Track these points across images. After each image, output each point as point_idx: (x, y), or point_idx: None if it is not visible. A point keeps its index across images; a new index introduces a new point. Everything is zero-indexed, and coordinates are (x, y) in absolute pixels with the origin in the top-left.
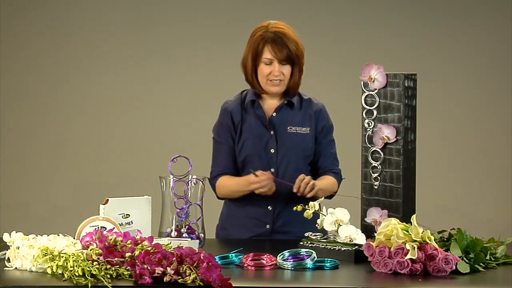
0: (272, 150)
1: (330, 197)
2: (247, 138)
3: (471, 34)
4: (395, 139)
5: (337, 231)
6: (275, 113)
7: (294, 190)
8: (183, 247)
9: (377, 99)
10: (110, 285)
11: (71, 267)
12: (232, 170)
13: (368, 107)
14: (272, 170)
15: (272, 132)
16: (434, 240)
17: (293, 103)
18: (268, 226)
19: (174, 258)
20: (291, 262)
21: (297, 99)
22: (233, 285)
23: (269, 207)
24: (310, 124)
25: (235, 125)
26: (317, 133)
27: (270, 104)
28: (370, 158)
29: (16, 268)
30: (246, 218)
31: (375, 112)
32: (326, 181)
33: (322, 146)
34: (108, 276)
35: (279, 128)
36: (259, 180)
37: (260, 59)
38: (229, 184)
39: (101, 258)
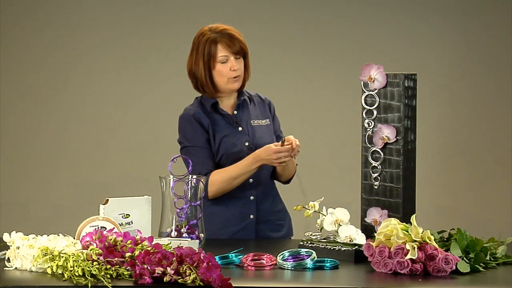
0: (247, 143)
1: (288, 181)
2: (221, 137)
3: (471, 34)
4: (395, 139)
5: (337, 231)
6: (236, 111)
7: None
8: (183, 247)
9: (377, 99)
10: (110, 285)
11: (71, 267)
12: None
13: (368, 107)
14: None
15: (240, 128)
16: (434, 240)
17: (246, 99)
18: (252, 217)
19: (174, 258)
20: (291, 262)
21: (248, 95)
22: (233, 285)
23: (251, 197)
24: (266, 115)
25: (205, 128)
26: (271, 120)
27: (227, 104)
28: (370, 158)
29: (16, 268)
30: (228, 213)
31: (375, 112)
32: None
33: (275, 131)
34: (108, 276)
35: (244, 123)
36: (287, 149)
37: (215, 60)
38: (227, 171)
39: (101, 258)
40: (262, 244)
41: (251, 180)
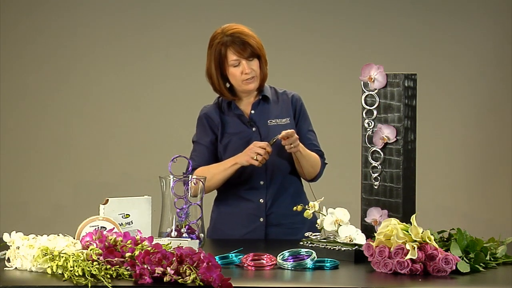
0: None
1: (312, 180)
2: (231, 138)
3: (471, 34)
4: (395, 139)
5: (337, 231)
6: (253, 110)
7: (281, 136)
8: (183, 247)
9: (377, 99)
10: (110, 285)
11: (71, 267)
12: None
13: (368, 107)
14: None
15: (254, 129)
16: (434, 240)
17: (268, 97)
18: (261, 220)
19: (174, 258)
20: (291, 262)
21: (272, 93)
22: (233, 285)
23: (260, 200)
24: (288, 114)
25: (214, 128)
26: (296, 118)
27: (246, 103)
28: (370, 158)
29: (16, 268)
30: (238, 215)
31: (375, 112)
32: (310, 152)
33: (301, 130)
34: (108, 276)
35: (259, 123)
36: (263, 144)
37: (227, 64)
38: (209, 167)
39: (101, 258)
40: (262, 244)
41: (262, 182)
